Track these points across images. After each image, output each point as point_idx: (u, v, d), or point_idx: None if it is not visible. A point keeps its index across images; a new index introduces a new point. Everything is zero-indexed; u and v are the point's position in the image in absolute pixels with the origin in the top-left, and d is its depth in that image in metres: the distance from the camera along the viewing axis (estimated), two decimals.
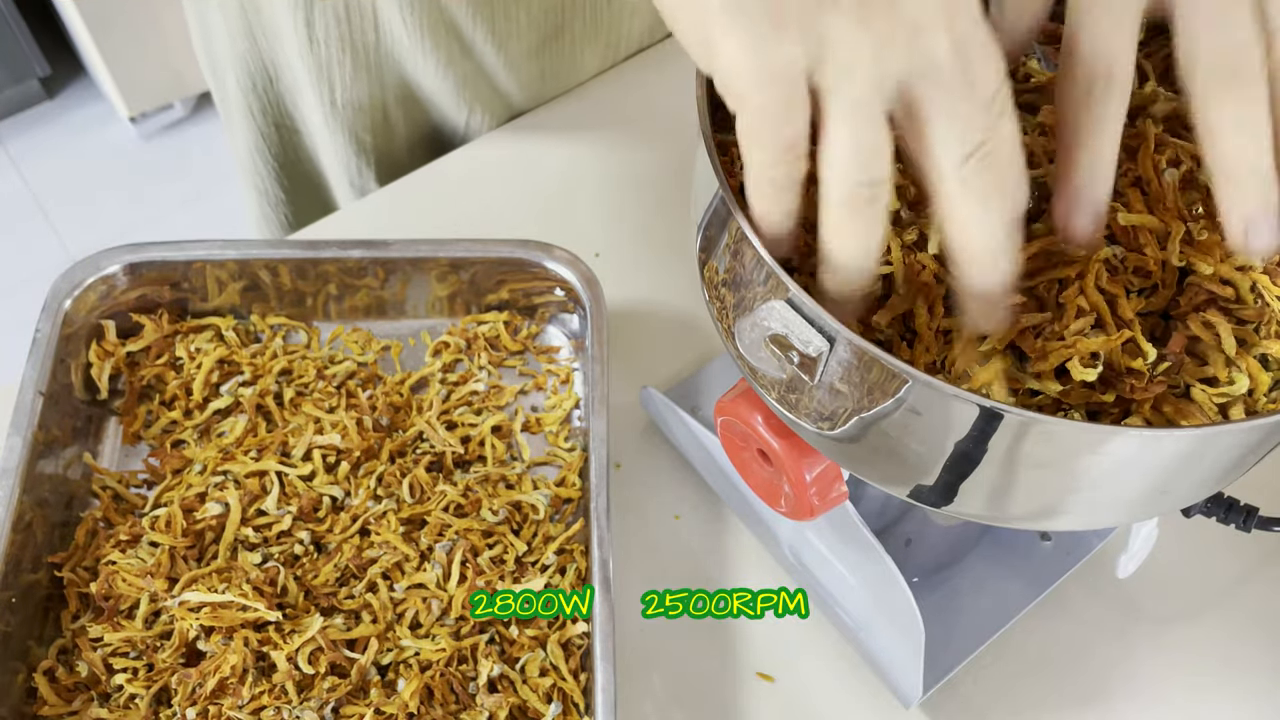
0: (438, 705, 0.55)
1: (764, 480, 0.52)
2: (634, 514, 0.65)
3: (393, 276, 0.67)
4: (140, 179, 1.99)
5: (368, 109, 0.79)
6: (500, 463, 0.64)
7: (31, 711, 0.55)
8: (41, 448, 0.59)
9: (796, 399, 0.42)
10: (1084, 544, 0.63)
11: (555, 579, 0.59)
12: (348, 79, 0.76)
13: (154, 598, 0.57)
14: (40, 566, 0.58)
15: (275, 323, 0.69)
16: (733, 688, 0.60)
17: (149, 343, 0.66)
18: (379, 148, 0.82)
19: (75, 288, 0.64)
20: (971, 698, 0.60)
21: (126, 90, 1.91)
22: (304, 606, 0.57)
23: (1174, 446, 0.38)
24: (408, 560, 0.59)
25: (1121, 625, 0.63)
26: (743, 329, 0.42)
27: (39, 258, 1.87)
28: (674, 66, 0.87)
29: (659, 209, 0.78)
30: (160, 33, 1.83)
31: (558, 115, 0.84)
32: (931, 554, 0.61)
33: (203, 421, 0.65)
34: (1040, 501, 0.42)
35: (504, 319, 0.70)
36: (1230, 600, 0.64)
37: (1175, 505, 0.45)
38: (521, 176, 0.80)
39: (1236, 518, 0.53)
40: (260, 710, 0.54)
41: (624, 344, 0.71)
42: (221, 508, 0.60)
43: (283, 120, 0.83)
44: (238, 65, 0.79)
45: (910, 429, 0.39)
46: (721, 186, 0.40)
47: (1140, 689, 0.61)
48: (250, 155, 0.86)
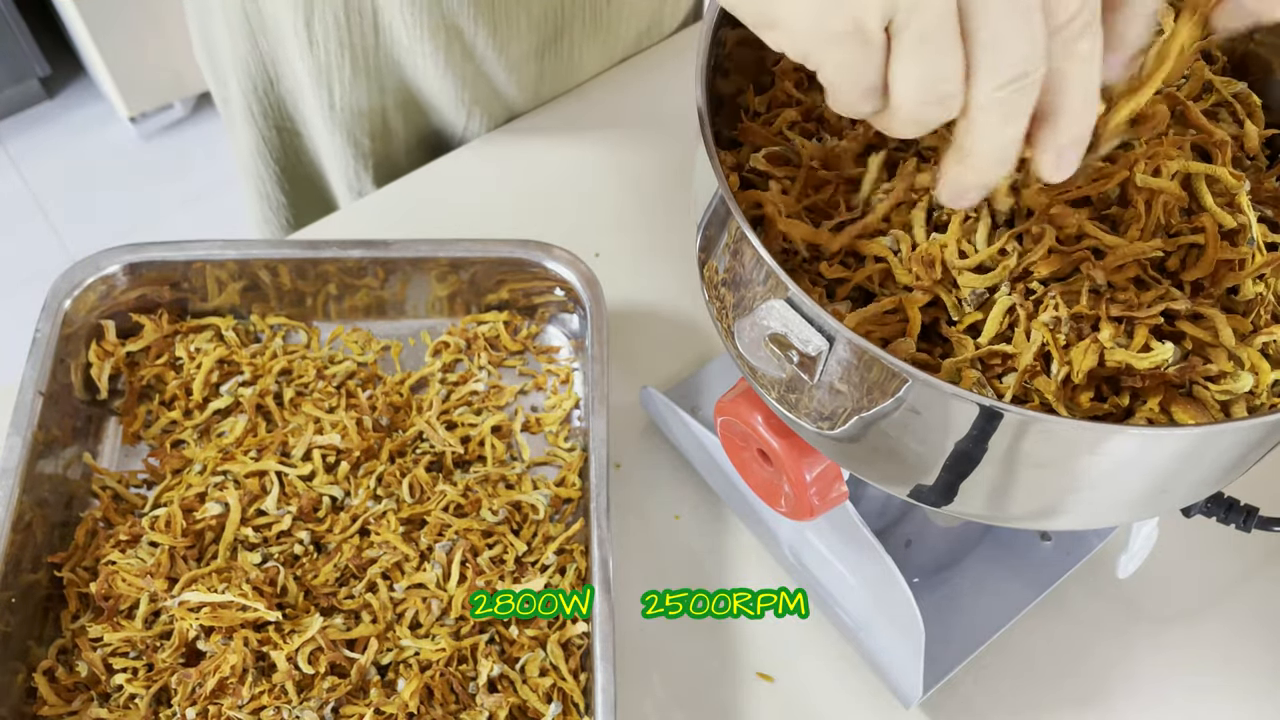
0: (438, 705, 0.55)
1: (764, 480, 0.52)
2: (634, 514, 0.65)
3: (393, 276, 0.67)
4: (140, 179, 1.98)
5: (367, 113, 0.79)
6: (500, 463, 0.64)
7: (31, 711, 0.55)
8: (41, 448, 0.59)
9: (796, 399, 0.42)
10: (1084, 544, 0.63)
11: (555, 579, 0.59)
12: (347, 82, 0.76)
13: (154, 598, 0.57)
14: (40, 566, 0.58)
15: (275, 323, 0.69)
16: (733, 688, 0.60)
17: (149, 343, 0.66)
18: (377, 152, 0.82)
19: (75, 288, 0.64)
20: (971, 698, 0.60)
21: (126, 90, 1.91)
22: (304, 606, 0.57)
23: (1174, 446, 0.38)
24: (408, 560, 0.59)
25: (1121, 625, 0.63)
26: (743, 329, 0.42)
27: (39, 258, 1.87)
28: (674, 66, 0.87)
29: (659, 209, 0.78)
30: (160, 33, 1.83)
31: (557, 116, 0.84)
32: (931, 554, 0.61)
33: (203, 421, 0.65)
34: (1040, 501, 0.42)
35: (504, 319, 0.70)
36: (1230, 600, 0.64)
37: (1175, 505, 0.45)
38: (521, 176, 0.80)
39: (1236, 518, 0.53)
40: (260, 710, 0.54)
41: (624, 344, 0.71)
42: (221, 508, 0.60)
43: (284, 123, 0.83)
44: (239, 68, 0.79)
45: (910, 428, 0.39)
46: (721, 186, 0.40)
47: (1140, 689, 0.61)
48: (252, 158, 0.86)
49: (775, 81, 0.49)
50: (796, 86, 0.49)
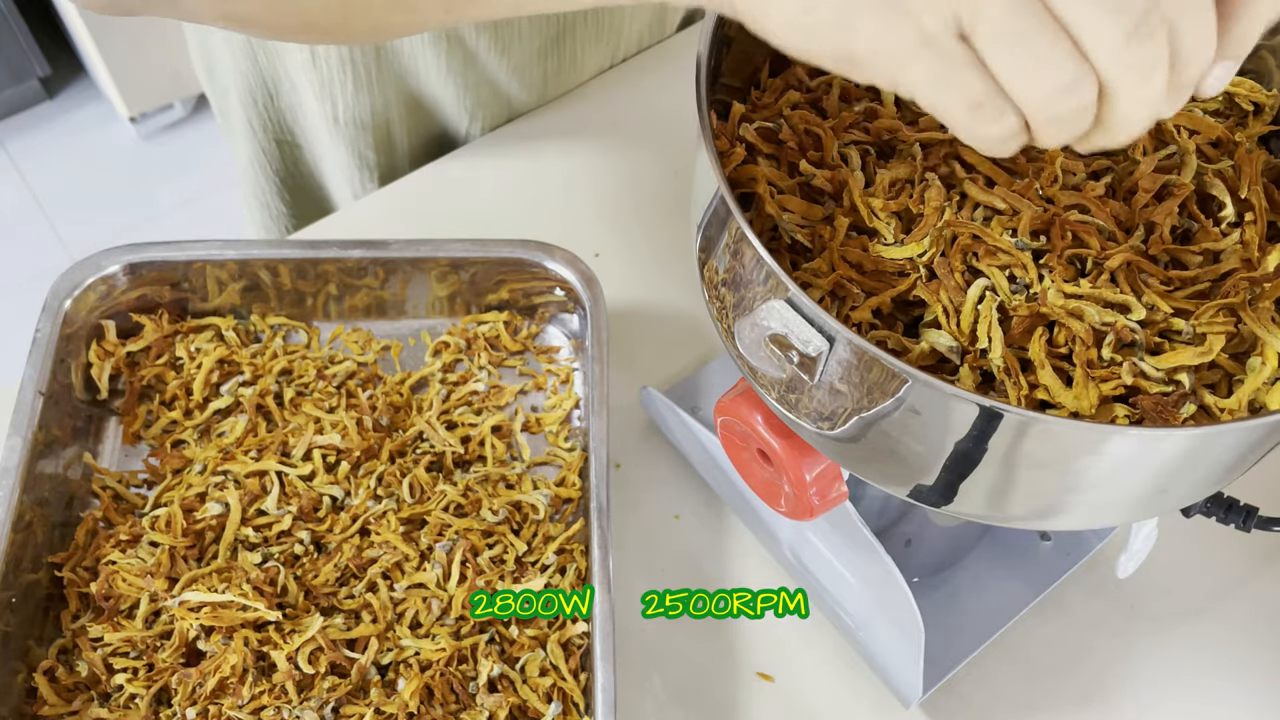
0: (438, 705, 0.55)
1: (764, 480, 0.52)
2: (634, 514, 0.65)
3: (393, 276, 0.67)
4: (140, 179, 1.98)
5: (370, 125, 0.79)
6: (500, 463, 0.64)
7: (31, 711, 0.55)
8: (41, 448, 0.59)
9: (796, 399, 0.42)
10: (1084, 544, 0.62)
11: (555, 579, 0.59)
12: (350, 95, 0.76)
13: (154, 598, 0.57)
14: (40, 566, 0.58)
15: (275, 323, 0.69)
16: (732, 687, 0.60)
17: (149, 343, 0.66)
18: (382, 164, 0.82)
19: (75, 288, 0.64)
20: (971, 698, 0.60)
21: (126, 90, 1.91)
22: (304, 606, 0.57)
23: (1173, 446, 0.38)
24: (408, 560, 0.59)
25: (1121, 625, 0.63)
26: (743, 329, 0.42)
27: (39, 258, 1.87)
28: (674, 67, 0.87)
29: (659, 209, 0.78)
30: (160, 33, 1.83)
31: (558, 116, 0.84)
32: (931, 554, 0.61)
33: (203, 421, 0.65)
34: (1040, 501, 0.42)
35: (504, 319, 0.70)
36: (1230, 600, 0.64)
37: (1175, 505, 0.45)
38: (521, 177, 0.80)
39: (1236, 518, 0.53)
40: (260, 710, 0.54)
41: (624, 344, 0.71)
42: (221, 508, 0.60)
43: (284, 136, 0.83)
44: (239, 82, 0.79)
45: (910, 429, 0.39)
46: (722, 186, 0.40)
47: (1140, 689, 0.61)
48: (251, 169, 0.86)
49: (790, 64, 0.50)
50: (809, 74, 0.49)
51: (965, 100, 0.32)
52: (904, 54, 0.32)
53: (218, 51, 0.79)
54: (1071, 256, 0.42)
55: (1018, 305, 0.41)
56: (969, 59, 0.32)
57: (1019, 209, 0.43)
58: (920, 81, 0.33)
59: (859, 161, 0.45)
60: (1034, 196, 0.43)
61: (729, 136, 0.46)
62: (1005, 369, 0.39)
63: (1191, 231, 0.44)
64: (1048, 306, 0.40)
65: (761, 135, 0.46)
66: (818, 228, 0.44)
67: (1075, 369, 0.39)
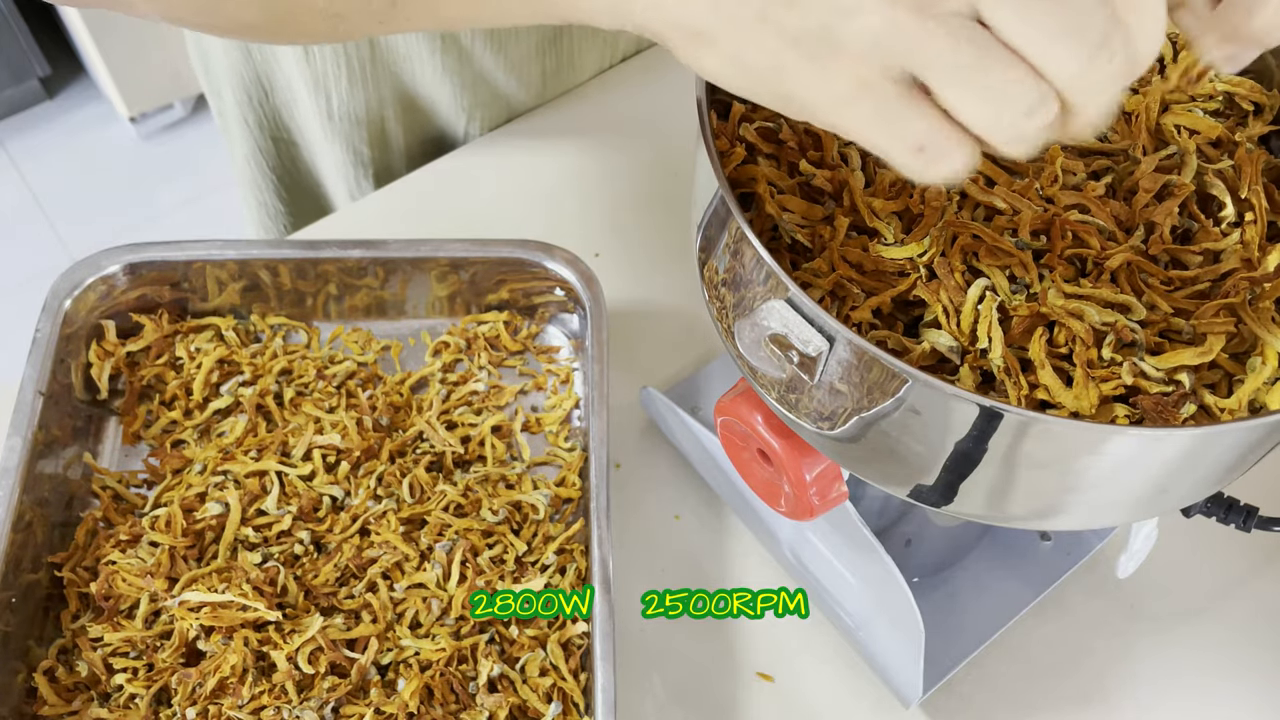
0: (438, 705, 0.55)
1: (764, 480, 0.52)
2: (634, 514, 0.65)
3: (393, 276, 0.67)
4: (140, 179, 1.98)
5: (365, 121, 0.79)
6: (500, 463, 0.64)
7: (31, 711, 0.55)
8: (41, 448, 0.59)
9: (796, 399, 0.42)
10: (1084, 544, 0.63)
11: (555, 579, 0.59)
12: (344, 91, 0.76)
13: (154, 598, 0.57)
14: (40, 566, 0.58)
15: (275, 323, 0.69)
16: (732, 688, 0.60)
17: (149, 343, 0.66)
18: (377, 160, 0.82)
19: (75, 288, 0.64)
20: (971, 698, 0.60)
21: (126, 90, 1.91)
22: (304, 606, 0.57)
23: (1173, 446, 0.38)
24: (408, 560, 0.59)
25: (1121, 625, 0.63)
26: (743, 329, 0.42)
27: (39, 258, 1.87)
28: (674, 66, 0.86)
29: (659, 209, 0.78)
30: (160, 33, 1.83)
31: (557, 115, 0.84)
32: (931, 554, 0.61)
33: (203, 421, 0.65)
34: (1040, 501, 0.42)
35: (504, 319, 0.70)
36: (1230, 600, 0.64)
37: (1175, 505, 0.45)
38: (522, 176, 0.80)
39: (1236, 518, 0.53)
40: (260, 710, 0.54)
41: (624, 344, 0.71)
42: (221, 508, 0.60)
43: (279, 133, 0.83)
44: (233, 79, 0.79)
45: (910, 429, 0.39)
46: (721, 186, 0.40)
47: (1140, 689, 0.61)
48: (249, 167, 0.86)
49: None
50: None
51: (906, 144, 0.32)
52: (839, 101, 0.32)
53: (212, 49, 0.79)
54: (1071, 256, 0.42)
55: (1018, 305, 0.41)
56: (908, 101, 0.31)
57: (1019, 209, 0.43)
58: (858, 128, 0.32)
59: (859, 161, 0.45)
60: (1034, 196, 0.43)
61: (729, 136, 0.46)
62: (1005, 369, 0.39)
63: (1192, 231, 0.44)
64: (1048, 306, 0.40)
65: (761, 135, 0.46)
66: (818, 228, 0.44)
67: (1075, 369, 0.39)
